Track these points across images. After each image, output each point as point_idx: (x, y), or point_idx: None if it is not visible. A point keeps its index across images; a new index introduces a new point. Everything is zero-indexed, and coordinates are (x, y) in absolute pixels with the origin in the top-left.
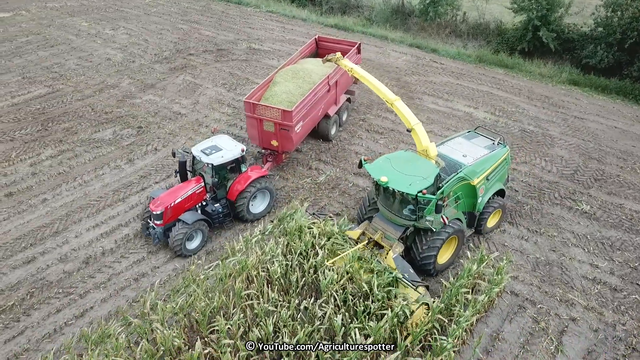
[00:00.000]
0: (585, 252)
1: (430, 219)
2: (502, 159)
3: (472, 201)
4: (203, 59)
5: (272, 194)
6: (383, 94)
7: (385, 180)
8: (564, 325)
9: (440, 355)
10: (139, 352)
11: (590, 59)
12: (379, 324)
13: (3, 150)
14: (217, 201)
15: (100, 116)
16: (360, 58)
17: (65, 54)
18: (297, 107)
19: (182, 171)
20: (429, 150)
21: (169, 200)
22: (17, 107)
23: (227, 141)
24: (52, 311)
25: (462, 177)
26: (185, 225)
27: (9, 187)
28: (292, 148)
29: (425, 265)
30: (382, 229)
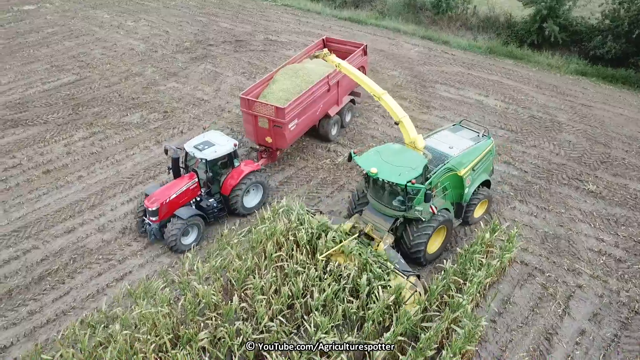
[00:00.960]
0: (591, 227)
1: (420, 209)
2: (487, 150)
3: (459, 192)
4: (222, 49)
5: (265, 188)
6: (371, 88)
7: (375, 171)
8: (571, 292)
9: (457, 311)
10: (181, 305)
11: (597, 50)
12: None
13: (38, 132)
14: (212, 196)
15: (127, 102)
16: (367, 60)
17: (90, 44)
18: (291, 105)
19: (175, 168)
20: (416, 142)
21: (164, 196)
22: (48, 92)
23: (219, 136)
24: (93, 275)
25: (450, 168)
26: (180, 220)
27: (46, 165)
28: (286, 146)
29: (415, 254)
30: (372, 221)
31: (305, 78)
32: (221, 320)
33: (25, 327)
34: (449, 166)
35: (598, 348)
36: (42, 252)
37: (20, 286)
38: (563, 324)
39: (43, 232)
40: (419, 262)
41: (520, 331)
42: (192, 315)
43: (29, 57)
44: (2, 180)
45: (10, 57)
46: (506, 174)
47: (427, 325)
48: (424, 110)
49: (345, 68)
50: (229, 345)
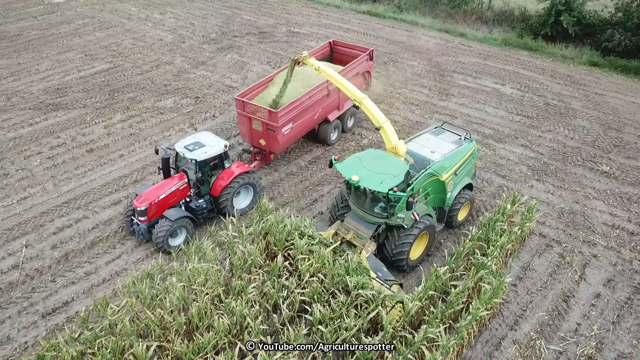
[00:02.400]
0: (605, 204)
1: (402, 216)
2: (469, 153)
3: (442, 196)
4: (247, 40)
5: (255, 189)
6: (352, 93)
7: (356, 179)
8: (587, 260)
9: (481, 271)
10: (229, 264)
11: (610, 43)
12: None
13: (78, 115)
14: (201, 197)
15: (160, 88)
16: (372, 65)
17: (120, 35)
18: (285, 109)
19: (165, 168)
20: (398, 147)
21: (153, 196)
22: (84, 79)
23: (210, 137)
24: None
25: (431, 173)
26: (168, 221)
27: (88, 144)
28: (279, 149)
29: (398, 261)
30: (354, 228)
31: (304, 82)
32: (267, 276)
33: (83, 286)
34: (430, 171)
35: (612, 309)
36: (92, 221)
37: (75, 250)
38: (579, 289)
39: (92, 204)
40: (401, 269)
41: (540, 294)
42: (240, 272)
43: (63, 46)
44: (50, 157)
45: (45, 47)
46: (523, 155)
47: (455, 283)
48: (443, 97)
49: (325, 72)
50: (275, 298)
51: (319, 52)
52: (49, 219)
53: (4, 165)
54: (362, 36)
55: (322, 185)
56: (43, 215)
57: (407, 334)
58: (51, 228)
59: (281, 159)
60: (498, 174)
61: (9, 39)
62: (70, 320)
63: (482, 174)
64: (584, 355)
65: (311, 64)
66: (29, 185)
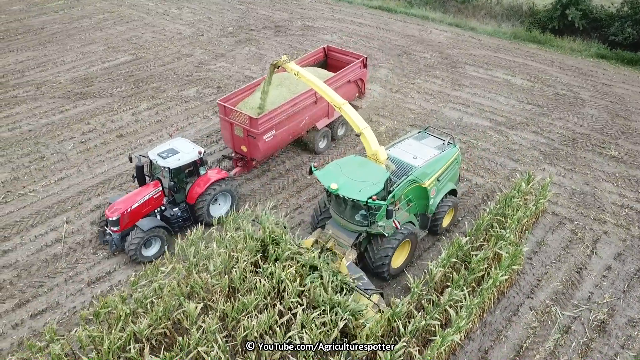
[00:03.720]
0: (614, 186)
1: (382, 224)
2: (452, 159)
3: (425, 203)
4: (263, 34)
5: (233, 196)
6: (331, 98)
7: (335, 187)
8: (598, 236)
9: (500, 242)
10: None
11: (616, 36)
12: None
13: (106, 103)
14: (176, 205)
15: (182, 78)
16: (366, 73)
17: (140, 29)
18: (266, 116)
19: (139, 176)
20: (378, 154)
21: (125, 206)
22: (109, 70)
23: (185, 144)
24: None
25: (413, 180)
26: (140, 231)
27: (118, 130)
28: (260, 157)
29: (379, 270)
30: (334, 236)
31: (291, 88)
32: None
33: (124, 258)
34: (412, 178)
35: (623, 280)
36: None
37: None
38: (591, 262)
39: (125, 185)
40: (383, 277)
41: (554, 266)
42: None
43: (85, 39)
44: (82, 142)
45: (69, 40)
46: (535, 141)
47: (475, 253)
48: (456, 87)
49: (304, 76)
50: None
51: (313, 57)
52: (86, 197)
53: (40, 149)
54: (375, 30)
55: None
56: (80, 195)
57: (432, 296)
58: (89, 206)
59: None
60: (511, 158)
61: (33, 33)
62: (115, 287)
63: (496, 159)
64: (596, 320)
65: (290, 69)
66: (64, 168)
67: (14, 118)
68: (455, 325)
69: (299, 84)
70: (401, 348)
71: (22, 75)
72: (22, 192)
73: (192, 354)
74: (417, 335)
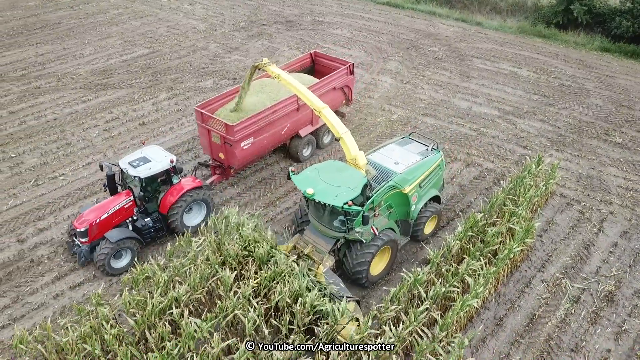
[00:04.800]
0: (619, 170)
1: (360, 231)
2: (435, 165)
3: (406, 209)
4: (275, 28)
5: (208, 205)
6: (311, 102)
7: (311, 192)
8: (604, 216)
9: (513, 218)
10: None
11: (618, 30)
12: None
13: (126, 93)
14: (148, 215)
15: (199, 70)
16: (353, 80)
17: (154, 24)
18: (244, 123)
19: (110, 185)
20: (357, 159)
21: (94, 216)
22: (127, 63)
23: (157, 152)
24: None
25: (393, 186)
26: (109, 243)
27: (140, 119)
28: (237, 165)
29: (357, 277)
30: (313, 241)
31: (271, 94)
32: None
33: None
34: (392, 184)
35: (629, 255)
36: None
37: None
38: (598, 239)
39: None
40: (361, 284)
41: (563, 243)
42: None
43: (102, 34)
44: (106, 130)
45: (86, 34)
46: (542, 129)
47: (490, 228)
48: (464, 79)
49: (284, 79)
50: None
51: (299, 63)
52: None
53: (66, 136)
54: (384, 25)
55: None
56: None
57: (451, 267)
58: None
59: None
60: (519, 144)
61: (50, 27)
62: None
63: (505, 145)
64: (604, 291)
65: (271, 71)
66: (91, 153)
67: (39, 107)
68: (474, 291)
69: (280, 91)
70: (424, 311)
71: (43, 68)
72: (52, 175)
73: (229, 317)
74: (437, 302)
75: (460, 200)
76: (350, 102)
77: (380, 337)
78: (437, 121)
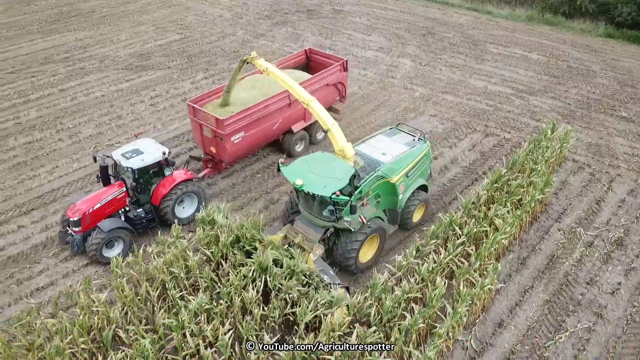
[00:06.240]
0: (625, 140)
1: (348, 220)
2: (422, 154)
3: (394, 198)
4: (297, 16)
5: (200, 197)
6: (299, 94)
7: (300, 183)
8: (612, 178)
9: (533, 173)
10: None
11: (621, 17)
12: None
13: (165, 74)
14: (140, 206)
15: (230, 54)
16: (347, 76)
17: (182, 12)
18: (234, 117)
19: (104, 176)
20: (345, 150)
21: (87, 206)
22: (162, 47)
23: (150, 144)
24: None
25: (381, 176)
26: (101, 232)
27: (181, 95)
28: (228, 159)
29: (347, 264)
30: (303, 231)
31: (262, 90)
32: None
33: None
34: (379, 174)
35: (635, 209)
36: (199, 152)
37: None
38: (608, 196)
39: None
40: (350, 271)
41: (576, 199)
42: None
43: (134, 21)
44: (152, 105)
45: (119, 21)
46: (553, 105)
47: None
48: (479, 62)
49: (273, 73)
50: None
51: (294, 59)
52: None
53: (116, 110)
54: (400, 14)
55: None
56: None
57: (480, 212)
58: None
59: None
60: (533, 118)
61: (85, 15)
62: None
63: (520, 119)
64: (615, 238)
65: (259, 65)
66: (141, 125)
67: (86, 85)
68: (502, 230)
69: (272, 86)
70: (460, 244)
71: (84, 51)
72: (108, 143)
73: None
74: (470, 240)
75: (482, 164)
76: (345, 99)
77: (424, 264)
78: (456, 98)
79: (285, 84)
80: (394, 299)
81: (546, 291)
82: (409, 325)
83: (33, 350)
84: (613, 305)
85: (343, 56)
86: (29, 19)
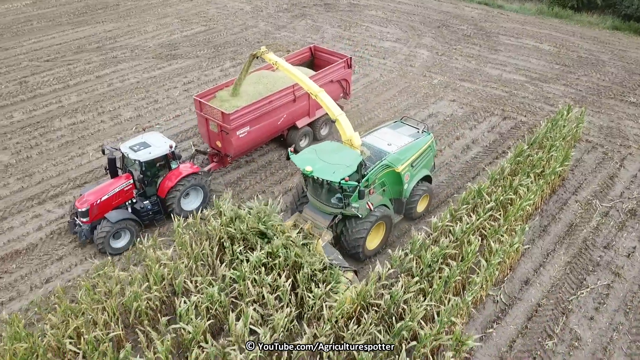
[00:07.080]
0: (634, 123)
1: (356, 206)
2: (426, 146)
3: (399, 188)
4: (315, 10)
5: (205, 190)
6: (308, 86)
7: (309, 169)
8: (624, 156)
9: (552, 149)
10: None
11: (628, 9)
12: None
13: (194, 62)
14: (147, 198)
15: (254, 44)
16: (351, 73)
17: (204, 5)
18: (240, 112)
19: (111, 168)
20: (353, 139)
21: (95, 197)
22: (188, 38)
23: (157, 138)
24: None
25: (387, 165)
26: (108, 223)
27: (212, 82)
28: (233, 153)
29: (354, 251)
30: (311, 218)
31: (268, 85)
32: None
33: (233, 176)
34: (386, 163)
35: None
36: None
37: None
38: (620, 173)
39: None
40: (358, 257)
41: (591, 175)
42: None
43: (159, 14)
44: (185, 90)
45: (144, 14)
46: (565, 91)
47: (533, 156)
48: (493, 52)
49: (282, 66)
50: None
51: (299, 56)
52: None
53: (151, 95)
54: (414, 7)
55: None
56: (196, 127)
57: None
58: None
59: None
60: (547, 103)
61: (111, 8)
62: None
63: (534, 104)
64: (629, 208)
65: (269, 59)
66: (176, 108)
67: (121, 73)
68: (526, 197)
69: (277, 82)
70: (489, 209)
71: (114, 41)
72: (148, 124)
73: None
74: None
75: (501, 144)
76: (348, 96)
77: (458, 225)
78: (473, 85)
79: (294, 77)
80: (434, 254)
81: (567, 254)
82: (447, 277)
83: (112, 296)
84: (629, 266)
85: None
86: (57, 11)
